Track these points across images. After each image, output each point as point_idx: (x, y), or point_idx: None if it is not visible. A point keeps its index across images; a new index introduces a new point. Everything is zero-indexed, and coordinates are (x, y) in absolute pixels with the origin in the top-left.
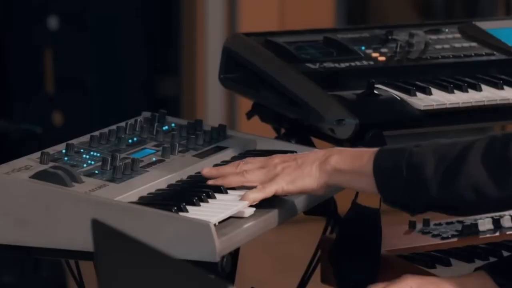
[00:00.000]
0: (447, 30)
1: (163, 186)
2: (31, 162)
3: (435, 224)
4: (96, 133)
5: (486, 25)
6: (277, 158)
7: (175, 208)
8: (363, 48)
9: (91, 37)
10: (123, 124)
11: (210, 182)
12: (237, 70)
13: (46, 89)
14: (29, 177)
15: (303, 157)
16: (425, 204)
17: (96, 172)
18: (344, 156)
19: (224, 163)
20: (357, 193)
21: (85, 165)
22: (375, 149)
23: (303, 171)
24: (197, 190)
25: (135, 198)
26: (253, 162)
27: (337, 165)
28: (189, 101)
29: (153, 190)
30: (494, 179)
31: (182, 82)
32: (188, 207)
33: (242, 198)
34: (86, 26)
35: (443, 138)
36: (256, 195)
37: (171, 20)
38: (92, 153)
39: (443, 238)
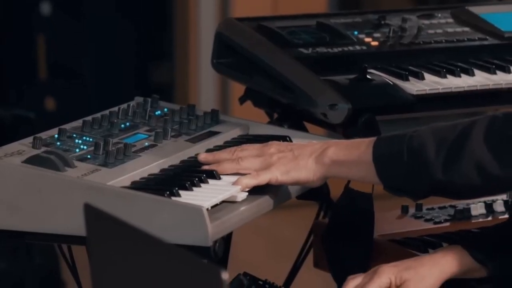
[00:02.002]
0: (439, 15)
1: (156, 170)
2: (23, 147)
3: (428, 209)
4: (89, 118)
5: (479, 10)
6: (273, 147)
7: (168, 192)
8: (355, 33)
9: (84, 23)
10: (115, 109)
11: (205, 168)
12: (230, 55)
13: (39, 75)
14: (22, 162)
15: (299, 148)
16: (428, 188)
17: (89, 156)
18: (341, 147)
19: (217, 148)
20: None
21: (77, 150)
22: (372, 138)
23: (298, 163)
24: (190, 174)
25: (127, 183)
26: (249, 149)
27: (334, 156)
28: (182, 87)
29: (145, 175)
30: (497, 157)
31: (175, 68)
32: (181, 192)
33: (235, 183)
34: (79, 12)
35: (435, 123)
36: (249, 181)
37: (164, 6)
38: (84, 138)
39: (435, 223)
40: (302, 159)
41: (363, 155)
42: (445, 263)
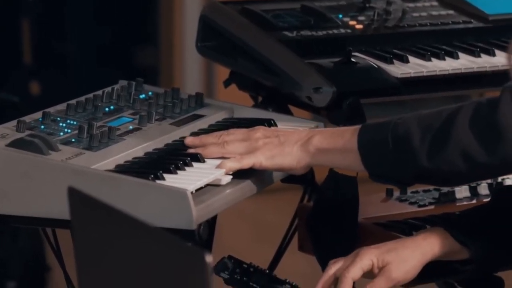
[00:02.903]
0: None
1: (140, 154)
2: (7, 130)
3: (412, 192)
4: (73, 101)
5: None
6: (259, 132)
7: (152, 176)
8: (340, 16)
9: (69, 7)
10: (99, 92)
11: (190, 151)
12: (214, 38)
13: (23, 59)
14: (5, 146)
15: (285, 135)
16: (414, 175)
17: (73, 140)
18: (326, 135)
19: (202, 131)
20: None
21: (61, 133)
22: (357, 126)
23: (283, 149)
24: (174, 158)
25: (112, 166)
26: (235, 134)
27: (319, 144)
28: (167, 70)
29: (130, 158)
30: (483, 144)
31: (160, 51)
32: (165, 175)
33: (218, 166)
34: None
35: (420, 106)
36: (233, 165)
37: None
38: (68, 121)
39: (420, 206)
40: (287, 145)
41: (348, 143)
42: (427, 245)
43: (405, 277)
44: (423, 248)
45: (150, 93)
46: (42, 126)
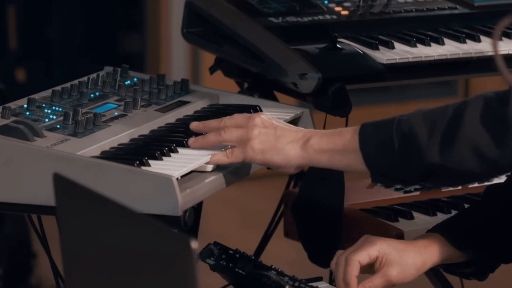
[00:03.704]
0: None
1: (125, 140)
2: None
3: None
4: (58, 87)
5: None
6: (259, 118)
7: (137, 162)
8: (326, 2)
9: None
10: (85, 79)
11: (190, 141)
12: (200, 25)
13: (9, 45)
14: None
15: (283, 130)
16: (421, 174)
17: (58, 126)
18: (324, 136)
19: (187, 117)
20: None
21: (47, 119)
22: (356, 126)
23: (276, 145)
24: (160, 144)
25: (97, 153)
26: (236, 118)
27: (317, 145)
28: (153, 57)
29: (115, 145)
30: (494, 139)
31: (146, 38)
32: (151, 162)
33: (208, 162)
34: None
35: (405, 92)
36: (220, 159)
37: None
38: (54, 107)
39: (405, 192)
40: (281, 142)
41: (348, 143)
42: (427, 254)
43: (402, 281)
44: (424, 256)
45: (135, 79)
46: (28, 113)
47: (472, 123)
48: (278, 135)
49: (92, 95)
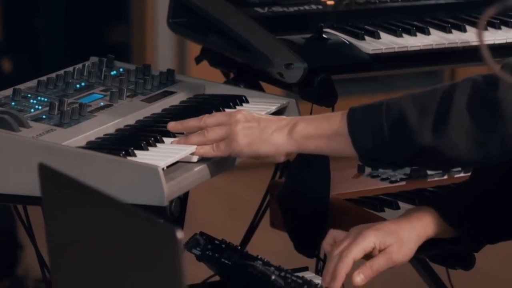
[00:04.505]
0: None
1: (111, 130)
2: None
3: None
4: (44, 78)
5: None
6: (240, 114)
7: (123, 152)
8: None
9: None
10: (70, 69)
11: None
12: (186, 15)
13: None
14: None
15: (266, 121)
16: (410, 158)
17: (44, 117)
18: (310, 122)
19: (173, 107)
20: None
21: (32, 110)
22: (344, 111)
23: (262, 136)
24: (145, 134)
25: (83, 143)
26: (217, 116)
27: (304, 131)
28: (139, 47)
29: (101, 135)
30: (483, 123)
31: (132, 28)
32: (136, 152)
33: (193, 153)
34: None
35: (392, 82)
36: (207, 152)
37: None
38: (39, 98)
39: (391, 182)
40: (266, 133)
41: (336, 128)
42: (421, 227)
43: (403, 259)
44: (418, 230)
45: (121, 69)
46: (13, 103)
47: (461, 107)
48: (262, 127)
49: (78, 85)
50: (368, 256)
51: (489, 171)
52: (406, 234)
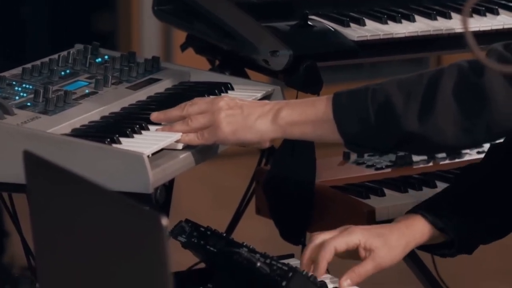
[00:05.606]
0: None
1: (96, 118)
2: None
3: (369, 155)
4: (28, 65)
5: None
6: (223, 101)
7: (108, 140)
8: None
9: None
10: (55, 56)
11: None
12: (171, 2)
13: None
14: None
15: (249, 107)
16: (396, 142)
17: (29, 104)
18: (294, 107)
19: (158, 95)
20: None
21: (17, 97)
22: (328, 95)
23: (246, 123)
24: (131, 121)
25: (68, 130)
26: (198, 104)
27: (289, 117)
28: (125, 34)
29: (86, 122)
30: (468, 109)
31: (118, 15)
32: (121, 139)
33: (178, 140)
34: None
35: (377, 69)
36: (192, 140)
37: None
38: (24, 85)
39: (377, 169)
40: (250, 119)
41: (321, 114)
42: (410, 234)
43: (391, 264)
44: (407, 237)
45: (106, 57)
46: None
47: (447, 92)
48: (246, 114)
49: (62, 73)
50: (355, 255)
51: (472, 171)
52: (394, 239)
